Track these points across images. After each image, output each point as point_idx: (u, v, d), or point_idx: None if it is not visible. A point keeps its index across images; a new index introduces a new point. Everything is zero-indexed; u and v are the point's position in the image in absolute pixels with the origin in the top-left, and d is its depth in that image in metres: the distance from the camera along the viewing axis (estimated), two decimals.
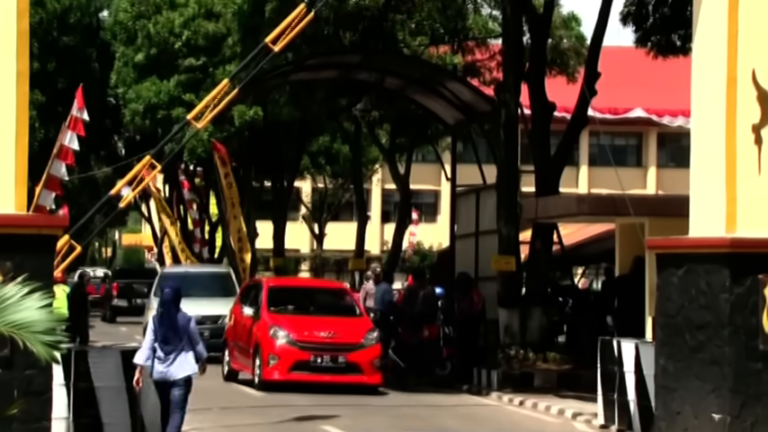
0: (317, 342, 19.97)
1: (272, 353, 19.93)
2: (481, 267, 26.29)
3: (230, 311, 22.92)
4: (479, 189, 27.58)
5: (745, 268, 14.20)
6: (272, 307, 20.94)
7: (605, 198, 21.69)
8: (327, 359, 19.91)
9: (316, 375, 19.88)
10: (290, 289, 22.84)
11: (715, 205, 14.54)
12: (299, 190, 56.66)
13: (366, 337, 20.26)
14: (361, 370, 19.99)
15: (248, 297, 22.00)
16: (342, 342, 20.03)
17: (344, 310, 21.30)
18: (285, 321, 20.42)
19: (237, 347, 21.50)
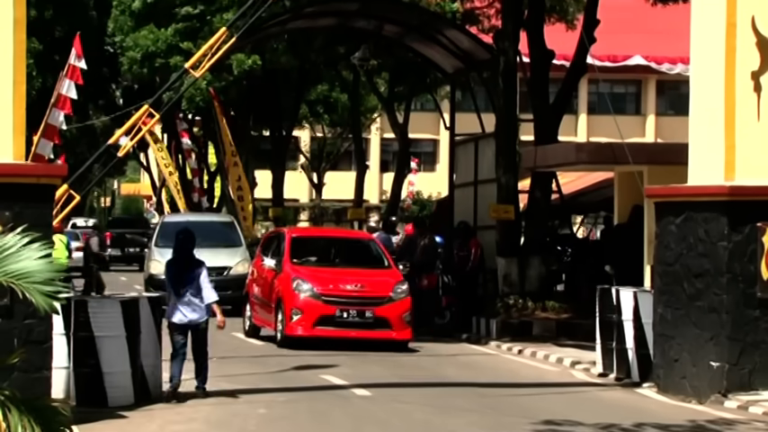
0: (343, 295, 18.83)
1: (295, 307, 18.77)
2: (480, 216, 26.28)
3: (251, 264, 21.78)
4: (478, 138, 27.51)
5: (744, 216, 14.21)
6: (296, 259, 19.71)
7: (604, 146, 21.64)
8: (354, 314, 18.72)
9: (341, 331, 18.69)
10: (314, 239, 21.38)
11: (714, 153, 14.52)
12: (298, 139, 56.54)
13: (395, 291, 19.07)
14: (390, 325, 18.80)
15: (270, 248, 20.74)
16: (369, 295, 18.89)
17: (372, 261, 20.03)
18: (309, 273, 19.24)
19: (259, 302, 20.35)
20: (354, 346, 18.40)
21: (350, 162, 54.86)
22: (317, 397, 14.00)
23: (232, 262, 24.41)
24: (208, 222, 27.51)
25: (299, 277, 19.08)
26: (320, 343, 18.39)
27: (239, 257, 25.26)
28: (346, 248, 20.79)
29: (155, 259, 25.11)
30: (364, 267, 19.68)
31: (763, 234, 14.20)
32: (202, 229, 25.72)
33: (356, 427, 11.95)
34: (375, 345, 18.53)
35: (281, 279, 19.36)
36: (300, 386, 14.68)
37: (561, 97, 25.06)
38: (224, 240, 25.66)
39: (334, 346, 18.36)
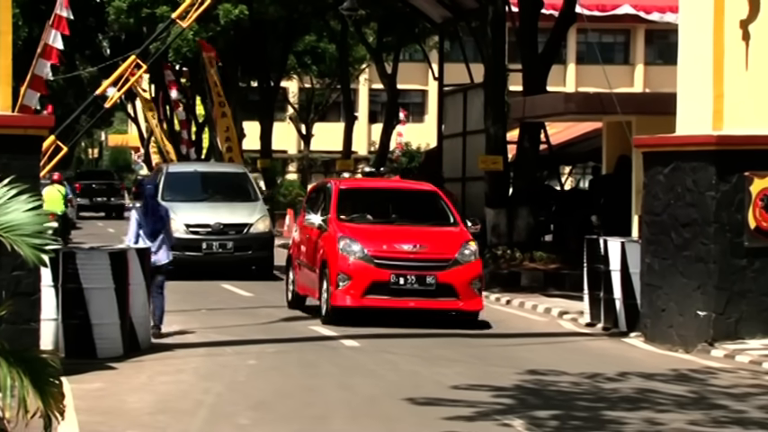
0: (400, 257, 15.89)
1: (343, 271, 15.83)
2: (468, 167, 26.28)
3: (295, 222, 19.26)
4: (467, 88, 27.45)
5: (732, 165, 14.23)
6: (344, 215, 16.78)
7: (592, 96, 21.62)
8: (413, 279, 15.76)
9: (398, 300, 15.78)
10: (365, 192, 17.95)
11: (702, 102, 14.51)
12: (286, 90, 56.35)
13: (462, 252, 16.02)
14: (455, 293, 15.81)
15: (315, 203, 17.82)
16: (431, 257, 15.91)
17: (435, 216, 17.03)
18: (359, 232, 16.27)
19: (303, 267, 17.43)
20: (413, 320, 15.95)
21: (338, 113, 54.71)
22: (306, 348, 14.05)
23: (252, 218, 22.40)
24: (219, 174, 24.95)
25: (346, 236, 16.11)
26: (372, 316, 15.80)
27: (258, 213, 22.82)
28: (404, 202, 17.65)
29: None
30: (425, 224, 16.74)
31: (751, 183, 14.23)
32: (213, 182, 23.79)
33: (344, 377, 12.01)
34: (438, 317, 16.00)
35: (326, 239, 16.48)
36: (290, 337, 14.73)
37: (550, 47, 24.99)
38: (239, 194, 23.26)
39: (389, 319, 15.80)
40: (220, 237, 22.07)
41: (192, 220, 22.13)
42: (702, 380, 12.14)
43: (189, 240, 21.81)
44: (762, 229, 14.19)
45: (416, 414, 10.17)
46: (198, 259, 21.88)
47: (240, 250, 22.11)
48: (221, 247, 22.07)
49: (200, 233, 22.06)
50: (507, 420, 9.83)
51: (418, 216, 17.07)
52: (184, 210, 22.19)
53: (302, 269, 17.44)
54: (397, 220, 17.03)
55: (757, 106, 14.35)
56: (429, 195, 17.63)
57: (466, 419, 9.90)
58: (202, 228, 22.12)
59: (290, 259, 18.26)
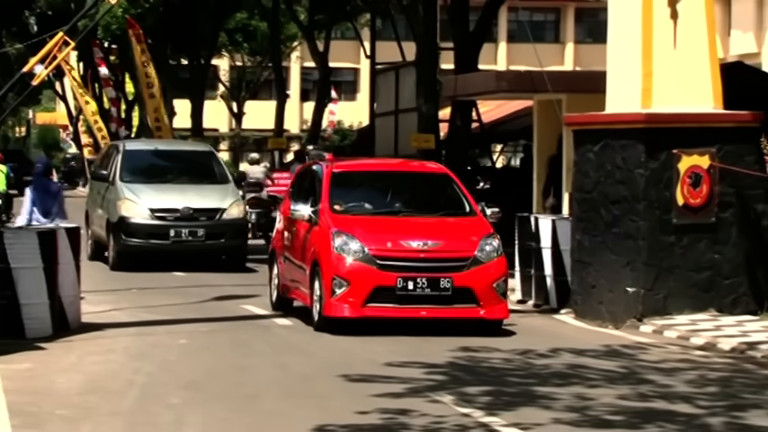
0: (408, 257, 13.23)
1: (339, 275, 13.20)
2: (401, 145, 26.30)
3: (278, 211, 16.04)
4: (399, 66, 27.46)
5: (660, 143, 14.37)
6: (338, 205, 13.97)
7: (523, 74, 21.69)
8: (424, 283, 13.14)
9: (406, 309, 13.13)
10: (362, 176, 15.06)
11: (631, 81, 14.62)
12: (217, 68, 56.00)
13: (483, 248, 13.39)
14: (476, 298, 13.23)
15: (301, 189, 14.97)
16: (446, 256, 13.30)
17: (447, 204, 14.36)
18: (357, 226, 13.55)
19: (289, 264, 14.67)
20: (425, 329, 13.34)
21: (270, 91, 54.48)
22: (238, 327, 14.01)
23: (224, 203, 20.02)
24: (183, 152, 22.36)
25: (342, 232, 13.40)
26: (376, 326, 13.20)
27: (231, 197, 20.37)
28: (410, 187, 14.87)
29: (126, 198, 20.02)
30: (436, 215, 14.06)
31: (679, 161, 14.38)
32: (178, 161, 21.42)
33: (277, 356, 11.99)
34: (455, 326, 13.48)
35: (317, 234, 13.74)
36: (222, 316, 14.68)
37: (481, 25, 25.05)
38: (207, 176, 20.83)
39: (395, 329, 13.23)
40: (190, 223, 19.76)
41: (157, 203, 19.82)
42: (632, 355, 12.28)
43: (154, 227, 19.67)
44: (689, 205, 14.35)
45: (349, 391, 10.18)
46: (164, 248, 19.68)
47: (212, 238, 19.78)
48: (191, 235, 19.73)
49: (168, 219, 19.73)
50: (438, 397, 9.88)
51: (427, 204, 14.41)
52: (148, 192, 20.00)
53: (288, 267, 14.66)
54: (402, 210, 14.19)
55: (685, 84, 14.49)
56: (439, 178, 14.77)
57: (398, 396, 9.93)
58: (170, 213, 19.80)
59: (273, 254, 15.36)
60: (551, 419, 9.10)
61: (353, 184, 14.64)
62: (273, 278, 15.29)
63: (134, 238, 19.65)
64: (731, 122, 14.59)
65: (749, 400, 9.99)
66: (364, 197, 14.43)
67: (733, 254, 14.41)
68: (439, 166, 15.56)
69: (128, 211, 19.77)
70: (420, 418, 9.13)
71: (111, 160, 21.05)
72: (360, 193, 14.49)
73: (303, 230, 14.17)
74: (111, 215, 20.04)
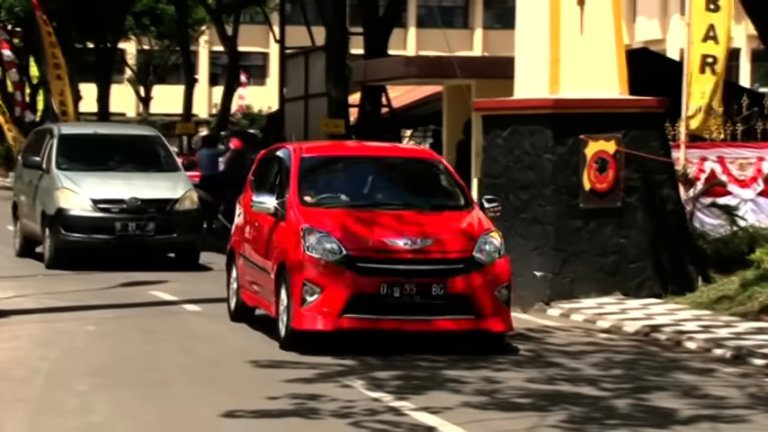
0: (394, 258, 11.17)
1: (311, 280, 11.12)
2: (311, 130, 26.24)
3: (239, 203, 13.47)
4: (308, 51, 27.38)
5: (568, 128, 14.51)
6: (309, 196, 11.89)
7: (433, 60, 21.77)
8: (413, 290, 11.08)
9: (391, 320, 11.12)
10: (337, 161, 12.78)
11: (539, 66, 14.74)
12: (124, 52, 55.35)
13: (482, 248, 11.35)
14: (474, 308, 11.18)
15: (264, 177, 12.91)
16: (439, 257, 11.24)
17: (438, 195, 12.33)
18: (333, 221, 11.45)
19: (250, 266, 12.56)
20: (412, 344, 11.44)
21: (178, 75, 53.97)
22: (146, 313, 13.88)
23: (176, 193, 17.97)
24: (126, 137, 20.06)
25: (315, 228, 11.33)
26: (353, 340, 11.35)
27: (183, 187, 18.28)
28: (394, 175, 12.65)
29: (65, 188, 17.91)
30: (426, 208, 11.88)
31: (586, 146, 14.53)
32: (121, 147, 19.19)
33: (185, 341, 11.92)
34: (450, 341, 11.64)
35: (284, 231, 11.67)
36: (130, 302, 14.53)
37: (390, 10, 25.06)
38: (153, 163, 18.71)
39: (378, 343, 11.39)
40: (138, 215, 17.70)
41: (100, 194, 17.74)
42: (539, 339, 12.40)
43: (97, 220, 17.62)
44: (596, 190, 14.52)
45: (258, 377, 10.15)
46: (109, 243, 17.68)
47: (163, 232, 17.75)
48: (139, 229, 17.68)
49: (113, 211, 17.66)
50: (348, 381, 9.89)
51: (415, 196, 12.30)
52: (89, 181, 17.92)
53: (250, 269, 12.57)
54: (385, 202, 11.97)
55: (592, 70, 14.64)
56: (427, 165, 12.65)
57: (308, 381, 9.93)
58: (114, 204, 17.69)
59: (231, 254, 13.19)
60: (460, 403, 9.17)
61: (327, 172, 12.48)
62: (231, 282, 13.07)
63: (74, 232, 17.52)
64: (637, 108, 14.78)
65: (653, 382, 10.15)
66: (340, 187, 12.22)
67: (638, 238, 14.61)
68: (427, 151, 13.53)
69: (67, 203, 17.71)
70: (330, 402, 9.14)
71: (44, 145, 18.88)
72: (335, 183, 12.33)
73: (267, 226, 12.03)
74: (47, 207, 17.93)
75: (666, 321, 12.98)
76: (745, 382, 10.32)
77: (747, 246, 15.87)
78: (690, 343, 12.03)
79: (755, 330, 12.40)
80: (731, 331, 12.40)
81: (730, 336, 12.15)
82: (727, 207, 16.97)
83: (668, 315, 13.36)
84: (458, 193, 12.21)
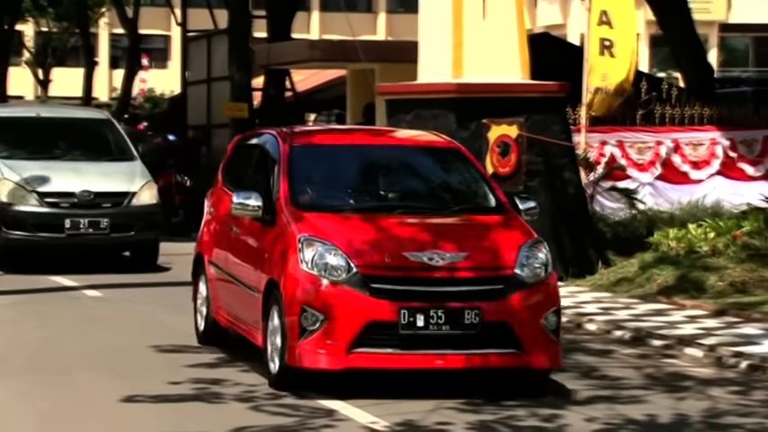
0: (418, 276, 8.93)
1: (312, 305, 8.85)
2: (214, 114, 26.04)
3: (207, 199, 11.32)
4: (210, 34, 27.13)
5: (470, 113, 14.57)
6: (305, 196, 9.64)
7: (336, 44, 21.75)
8: (440, 318, 8.83)
9: (414, 356, 8.85)
10: (337, 152, 10.31)
11: (442, 51, 14.78)
12: (21, 33, 54.40)
13: (525, 262, 9.10)
14: (515, 340, 8.95)
15: (241, 171, 10.81)
16: (473, 275, 8.99)
17: (465, 196, 10.07)
18: (337, 229, 9.19)
19: (227, 281, 10.36)
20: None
21: (78, 58, 53.20)
22: (46, 299, 13.68)
23: (133, 185, 15.95)
24: (73, 121, 17.59)
25: (316, 238, 9.04)
26: (363, 380, 9.08)
27: (141, 178, 16.17)
28: (408, 170, 10.30)
29: (5, 179, 15.89)
30: (452, 212, 9.71)
31: (488, 130, 14.61)
32: (68, 132, 17.08)
33: (87, 327, 11.77)
34: (485, 381, 9.24)
35: (274, 240, 9.39)
36: (29, 288, 14.29)
37: None
38: (107, 151, 16.71)
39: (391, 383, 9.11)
40: (90, 211, 15.67)
41: (46, 186, 15.73)
42: None
43: (44, 216, 15.63)
44: (499, 174, 14.60)
45: (160, 362, 10.06)
46: (58, 242, 15.67)
47: (119, 230, 15.71)
48: (92, 226, 15.64)
49: (61, 206, 15.66)
50: (251, 366, 9.84)
51: (436, 195, 10.08)
52: (33, 172, 15.90)
53: (225, 284, 10.36)
54: (399, 204, 9.68)
55: (495, 55, 14.72)
56: (447, 156, 10.37)
57: (211, 366, 9.88)
58: (63, 198, 15.70)
59: (200, 261, 11.00)
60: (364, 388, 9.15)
61: (325, 165, 10.05)
62: (200, 297, 10.94)
63: (18, 230, 15.58)
64: (538, 93, 14.90)
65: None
66: (342, 185, 9.97)
67: (540, 221, 14.69)
68: (446, 140, 10.74)
69: (9, 196, 15.70)
70: (233, 387, 9.09)
71: None
72: (335, 179, 10.01)
73: (251, 232, 9.77)
74: None
75: (567, 304, 13.11)
76: (643, 362, 10.49)
77: (646, 229, 16.13)
78: (590, 325, 12.18)
79: (654, 312, 12.60)
80: (630, 313, 12.58)
81: (629, 317, 12.32)
82: (627, 191, 17.21)
83: (569, 297, 13.50)
84: (487, 192, 9.87)
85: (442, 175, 10.40)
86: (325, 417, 8.32)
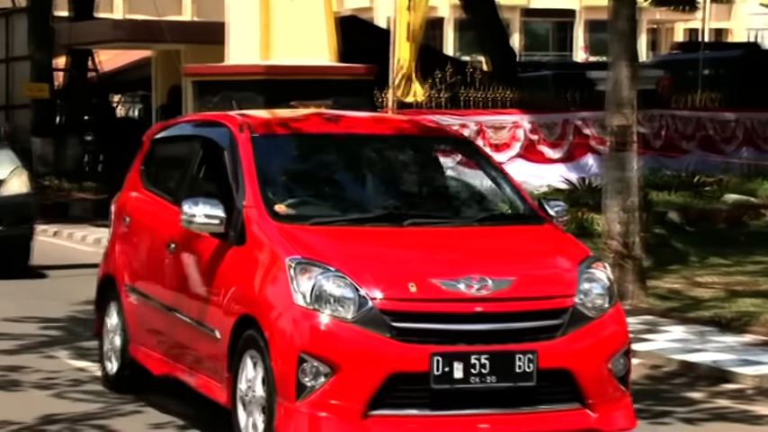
0: (454, 310, 6.57)
1: (315, 353, 6.47)
2: (14, 95, 25.37)
3: (115, 205, 9.11)
4: (9, 12, 26.39)
5: (279, 95, 14.57)
6: (279, 203, 7.21)
7: (141, 24, 21.43)
8: (484, 365, 6.52)
9: (451, 417, 6.54)
10: (312, 143, 7.89)
11: (250, 32, 14.72)
12: None
13: (585, 288, 6.83)
14: (579, 392, 6.70)
15: (168, 172, 8.57)
16: (524, 307, 6.68)
17: (485, 201, 7.81)
18: (332, 246, 6.81)
19: (160, 312, 7.95)
20: None
21: None
22: None
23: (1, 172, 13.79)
24: None
25: (312, 261, 6.67)
26: None
27: (9, 163, 14.02)
28: (407, 168, 8.19)
29: None
30: (472, 222, 7.47)
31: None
32: None
33: None
34: None
35: (245, 262, 7.00)
36: None
37: None
38: None
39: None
40: None
41: None
42: None
43: None
44: None
45: None
46: None
47: None
48: None
49: None
50: (53, 352, 9.67)
51: (451, 203, 7.90)
52: None
53: (155, 315, 8.00)
54: (407, 212, 7.31)
55: (303, 37, 14.74)
56: (456, 149, 8.35)
57: (10, 353, 9.64)
58: None
59: (110, 286, 8.66)
60: None
61: (302, 163, 7.81)
62: (110, 332, 8.61)
63: None
64: (346, 75, 14.99)
65: None
66: (328, 188, 7.66)
67: None
68: (449, 129, 9.10)
69: None
70: (33, 374, 8.90)
71: None
72: (318, 181, 7.66)
73: (204, 252, 7.34)
74: None
75: None
76: None
77: None
78: None
79: None
80: None
81: None
82: None
83: None
84: (511, 194, 7.63)
85: (453, 174, 8.19)
86: (132, 403, 8.19)
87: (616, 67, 11.50)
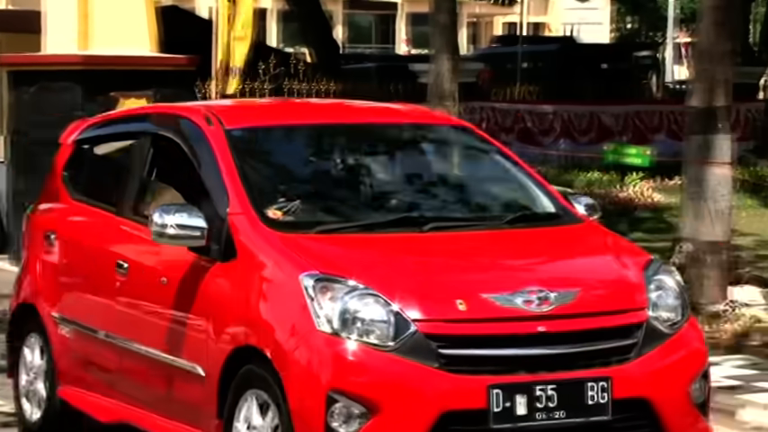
0: (512, 330, 5.40)
1: (345, 390, 5.26)
2: None
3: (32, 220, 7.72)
4: None
5: (98, 85, 14.38)
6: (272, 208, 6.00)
7: None
8: (552, 397, 5.37)
9: None
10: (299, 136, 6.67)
11: (68, 22, 14.51)
12: None
13: (655, 296, 5.70)
14: (657, 422, 5.53)
15: (114, 177, 7.01)
16: (592, 324, 5.50)
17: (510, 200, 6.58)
18: (360, 260, 5.61)
19: (103, 346, 6.69)
20: None
21: None
22: None
23: None
24: None
25: (333, 276, 5.45)
26: None
27: None
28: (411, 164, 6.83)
29: None
30: (504, 225, 6.17)
31: (117, 103, 14.42)
32: None
33: None
34: None
35: (237, 281, 5.76)
36: None
37: None
38: None
39: None
40: None
41: None
42: None
43: None
44: None
45: None
46: None
47: None
48: None
49: None
50: None
51: (473, 202, 6.64)
52: None
53: (100, 350, 6.77)
54: (427, 216, 6.14)
55: (123, 27, 14.59)
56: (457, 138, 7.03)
57: None
58: None
59: (28, 317, 7.34)
60: None
61: (292, 159, 6.62)
62: (27, 371, 7.30)
63: None
64: (168, 66, 14.86)
65: None
66: (327, 188, 6.47)
67: None
68: (446, 116, 8.23)
69: None
70: None
71: None
72: (309, 179, 6.53)
73: (175, 273, 6.12)
74: None
75: None
76: None
77: None
78: None
79: None
80: None
81: None
82: None
83: None
84: (537, 191, 6.50)
85: (469, 169, 6.88)
86: None
87: (438, 60, 11.67)
